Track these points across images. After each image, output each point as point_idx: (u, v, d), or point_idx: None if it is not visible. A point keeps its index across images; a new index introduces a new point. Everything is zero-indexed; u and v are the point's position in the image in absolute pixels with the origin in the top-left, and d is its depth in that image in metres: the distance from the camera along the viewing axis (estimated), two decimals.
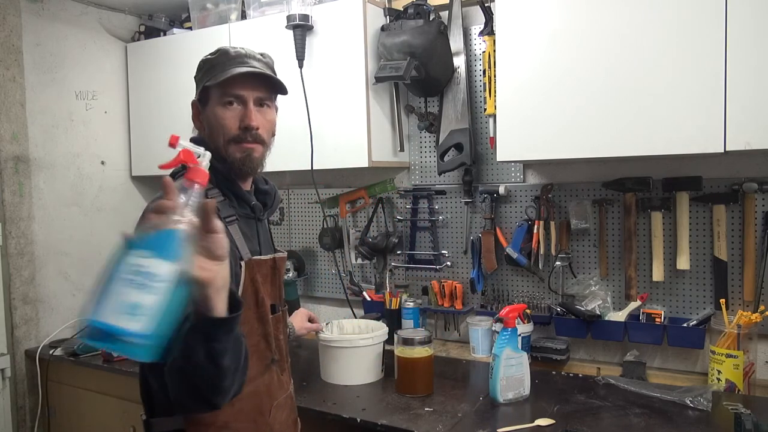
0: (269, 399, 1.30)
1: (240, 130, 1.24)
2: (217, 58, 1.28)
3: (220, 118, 1.25)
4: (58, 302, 2.64)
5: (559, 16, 1.77)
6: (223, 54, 1.28)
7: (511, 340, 1.76)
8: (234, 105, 1.25)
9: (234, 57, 1.27)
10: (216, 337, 0.94)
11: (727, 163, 1.89)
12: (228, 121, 1.24)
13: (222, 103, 1.25)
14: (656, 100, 1.65)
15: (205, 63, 1.30)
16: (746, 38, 1.53)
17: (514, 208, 2.25)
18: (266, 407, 1.29)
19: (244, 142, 1.25)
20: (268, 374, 1.31)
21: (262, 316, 1.29)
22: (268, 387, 1.30)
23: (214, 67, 1.26)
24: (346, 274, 2.61)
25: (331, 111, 2.24)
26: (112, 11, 2.86)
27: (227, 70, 1.23)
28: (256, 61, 1.29)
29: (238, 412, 1.24)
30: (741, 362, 1.78)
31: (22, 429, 2.53)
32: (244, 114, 1.25)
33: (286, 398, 1.37)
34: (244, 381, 1.06)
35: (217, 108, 1.25)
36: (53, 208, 2.63)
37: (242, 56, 1.27)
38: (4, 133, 2.43)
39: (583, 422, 1.60)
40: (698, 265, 1.95)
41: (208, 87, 1.26)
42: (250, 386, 1.24)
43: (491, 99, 2.11)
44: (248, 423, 1.25)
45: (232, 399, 1.05)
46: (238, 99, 1.25)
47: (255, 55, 1.31)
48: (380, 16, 2.24)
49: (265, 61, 1.33)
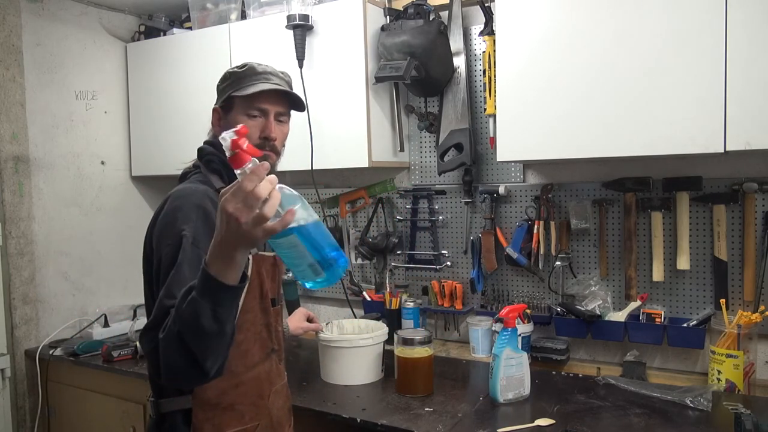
0: (269, 384, 1.40)
1: (260, 139, 1.37)
2: (244, 72, 1.40)
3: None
4: (58, 302, 2.64)
5: (558, 16, 1.77)
6: (250, 69, 1.40)
7: (511, 340, 1.76)
8: (257, 116, 1.38)
9: (260, 73, 1.40)
10: (222, 302, 0.99)
11: (727, 163, 1.89)
12: (250, 130, 1.33)
13: (246, 114, 1.37)
14: (656, 100, 1.65)
15: (232, 75, 1.41)
16: (746, 38, 1.53)
17: (514, 208, 2.25)
18: (266, 392, 1.39)
19: (262, 150, 1.35)
20: (268, 362, 1.40)
21: (265, 307, 1.38)
22: (268, 373, 1.40)
23: (241, 80, 1.39)
24: (346, 274, 2.61)
25: (331, 111, 2.24)
26: (112, 11, 2.86)
27: (255, 84, 1.37)
28: (279, 78, 1.42)
29: (242, 394, 1.33)
30: (741, 362, 1.78)
31: (22, 429, 2.53)
32: (265, 126, 1.38)
33: (282, 386, 1.47)
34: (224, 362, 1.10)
35: (241, 117, 1.37)
36: (53, 208, 2.63)
37: (267, 73, 1.41)
38: (4, 133, 2.43)
39: (583, 422, 1.60)
40: (698, 265, 1.95)
41: (233, 97, 1.38)
42: (253, 371, 1.36)
43: (491, 99, 2.11)
44: (250, 405, 1.35)
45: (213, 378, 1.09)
46: (262, 112, 1.38)
47: (278, 73, 1.43)
48: (380, 16, 2.24)
49: (286, 79, 1.45)
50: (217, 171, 1.38)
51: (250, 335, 1.35)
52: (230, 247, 0.96)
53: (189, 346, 1.01)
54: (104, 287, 2.81)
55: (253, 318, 1.35)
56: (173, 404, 1.29)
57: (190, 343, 1.01)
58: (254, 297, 1.35)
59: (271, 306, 1.41)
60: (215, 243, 0.97)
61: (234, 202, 0.92)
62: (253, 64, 1.41)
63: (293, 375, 2.06)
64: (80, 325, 2.63)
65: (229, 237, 0.94)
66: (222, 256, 0.97)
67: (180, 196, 1.29)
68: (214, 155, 1.38)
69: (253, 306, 1.35)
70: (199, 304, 0.99)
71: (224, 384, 1.29)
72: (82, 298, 2.73)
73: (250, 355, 1.35)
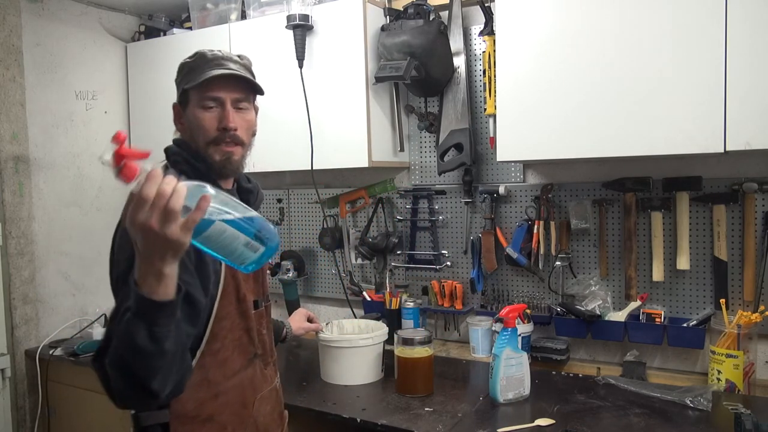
0: (252, 392, 1.33)
1: (218, 131, 1.27)
2: (195, 61, 1.30)
3: (199, 120, 1.28)
4: (58, 302, 2.64)
5: (558, 16, 1.77)
6: (200, 57, 1.30)
7: (511, 340, 1.76)
8: (212, 107, 1.27)
9: (211, 59, 1.29)
10: (157, 321, 0.93)
11: (727, 163, 1.89)
12: (206, 122, 1.27)
13: (201, 106, 1.27)
14: (656, 100, 1.65)
15: (184, 66, 1.33)
16: (746, 38, 1.53)
17: (514, 208, 2.25)
18: (249, 400, 1.32)
19: (222, 143, 1.27)
20: (251, 368, 1.34)
21: (243, 311, 1.31)
22: (251, 380, 1.33)
23: (192, 70, 1.29)
24: (346, 274, 2.61)
25: (331, 111, 2.24)
26: (112, 11, 2.86)
27: (205, 73, 1.26)
28: (234, 63, 1.31)
29: (222, 405, 1.27)
30: (741, 362, 1.78)
31: (22, 429, 2.53)
32: (222, 115, 1.27)
33: (270, 391, 1.40)
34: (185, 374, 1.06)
35: (196, 110, 1.28)
36: (53, 208, 2.64)
37: (219, 59, 1.30)
38: (4, 133, 2.43)
39: (583, 422, 1.60)
40: (698, 265, 1.95)
41: (187, 90, 1.29)
42: (234, 379, 1.29)
43: (491, 99, 2.11)
44: (232, 416, 1.28)
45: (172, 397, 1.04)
46: (216, 101, 1.27)
47: (232, 57, 1.33)
48: (380, 16, 2.24)
49: (242, 62, 1.34)
50: (184, 171, 1.28)
51: (228, 342, 1.27)
52: (156, 261, 0.88)
53: (131, 368, 0.95)
54: (104, 287, 2.77)
55: (230, 325, 1.28)
56: (152, 418, 1.22)
57: (132, 365, 0.95)
58: (230, 302, 1.27)
59: (252, 308, 1.33)
60: (139, 261, 0.90)
61: (140, 213, 0.84)
62: (204, 51, 1.31)
63: (293, 375, 2.07)
64: (80, 325, 2.63)
65: (150, 250, 0.87)
66: (150, 273, 0.89)
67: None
68: (179, 155, 1.31)
69: (230, 312, 1.27)
70: (134, 324, 0.92)
71: (202, 395, 1.24)
72: (82, 298, 2.73)
73: (230, 363, 1.28)
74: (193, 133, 1.30)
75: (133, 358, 0.95)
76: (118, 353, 0.96)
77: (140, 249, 0.89)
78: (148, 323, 0.92)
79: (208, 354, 1.24)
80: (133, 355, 0.94)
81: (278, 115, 2.32)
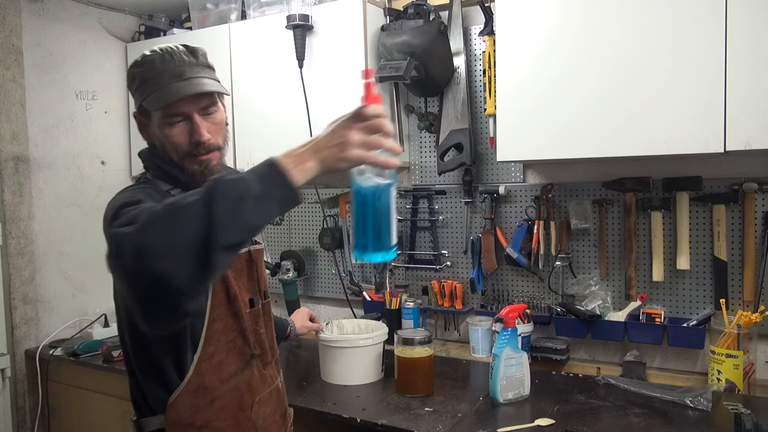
0: (250, 395, 1.28)
1: (191, 145, 1.20)
2: (145, 72, 1.19)
3: (168, 137, 1.20)
4: (58, 302, 2.64)
5: (558, 16, 1.77)
6: (150, 67, 1.18)
7: (511, 340, 1.76)
8: (179, 122, 1.19)
9: (165, 70, 1.17)
10: (272, 195, 0.92)
11: (727, 163, 1.89)
12: (177, 138, 1.20)
13: (166, 123, 1.19)
14: (656, 100, 1.65)
15: (135, 77, 1.21)
16: (746, 38, 1.53)
17: (514, 208, 2.25)
18: (247, 403, 1.27)
19: (198, 156, 1.21)
20: (248, 370, 1.28)
21: (236, 311, 1.25)
22: (249, 383, 1.28)
23: (146, 82, 1.18)
24: (346, 274, 2.61)
25: (331, 111, 2.22)
26: (112, 11, 2.86)
27: (165, 88, 1.16)
28: (192, 67, 1.20)
29: (218, 410, 1.22)
30: (741, 362, 1.78)
31: (22, 429, 2.53)
32: (192, 129, 1.19)
33: (270, 392, 1.35)
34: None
35: (163, 128, 1.20)
36: (53, 208, 2.64)
37: (174, 66, 1.18)
38: (4, 133, 2.43)
39: (583, 422, 1.60)
40: (698, 265, 1.95)
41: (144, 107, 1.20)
42: (230, 383, 1.24)
43: (491, 99, 2.11)
44: (229, 420, 1.24)
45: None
46: (182, 115, 1.19)
47: (184, 57, 1.20)
48: (380, 16, 2.24)
49: (199, 63, 1.23)
50: (160, 176, 1.25)
51: (222, 345, 1.22)
52: (313, 153, 0.95)
53: (207, 219, 0.86)
54: (104, 287, 2.75)
55: (222, 327, 1.23)
56: (151, 423, 1.21)
57: (214, 219, 0.86)
58: (220, 302, 1.23)
59: (246, 308, 1.28)
60: (299, 147, 0.95)
61: (353, 120, 0.95)
62: (152, 58, 1.18)
63: (293, 375, 2.07)
64: (80, 325, 2.63)
65: (322, 144, 0.95)
66: (297, 156, 0.94)
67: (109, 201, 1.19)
68: (150, 161, 1.26)
69: (221, 313, 1.23)
70: (249, 184, 0.89)
71: (198, 401, 1.20)
72: (82, 298, 2.73)
73: (225, 366, 1.23)
74: (165, 147, 1.23)
75: (224, 217, 0.87)
76: (193, 201, 0.89)
77: (316, 138, 0.97)
78: (264, 189, 0.90)
79: (203, 359, 1.21)
80: (228, 215, 0.87)
81: (278, 115, 2.32)
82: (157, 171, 1.25)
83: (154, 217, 0.89)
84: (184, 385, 1.20)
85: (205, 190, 0.90)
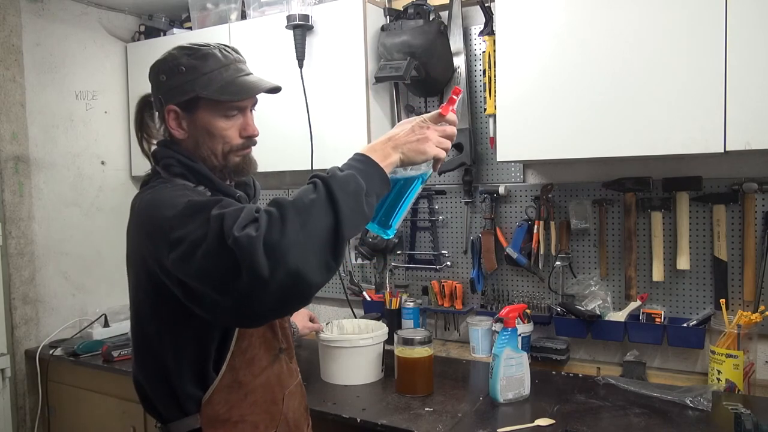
0: (281, 388, 1.31)
1: (243, 139, 1.25)
2: (207, 63, 1.20)
3: (221, 129, 1.22)
4: (58, 302, 2.64)
5: (558, 16, 1.77)
6: (213, 58, 1.21)
7: (511, 340, 1.76)
8: (235, 116, 1.24)
9: (228, 64, 1.22)
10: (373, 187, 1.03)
11: (727, 163, 1.89)
12: (230, 131, 1.23)
13: (223, 115, 1.22)
14: (656, 100, 1.65)
15: (189, 68, 1.20)
16: (746, 38, 1.53)
17: (514, 208, 2.25)
18: (278, 396, 1.30)
19: (245, 148, 1.26)
20: (277, 364, 1.31)
21: None
22: (279, 376, 1.31)
23: (208, 74, 1.19)
24: (346, 274, 2.61)
25: (331, 111, 2.24)
26: (112, 11, 2.86)
27: (237, 81, 1.21)
28: (243, 63, 1.27)
29: (252, 404, 1.25)
30: (741, 362, 1.78)
31: (22, 429, 2.53)
32: (244, 124, 1.25)
33: (296, 386, 1.38)
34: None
35: (218, 120, 1.22)
36: (53, 208, 2.63)
37: (235, 60, 1.24)
38: (4, 133, 2.43)
39: (583, 422, 1.60)
40: (698, 265, 1.95)
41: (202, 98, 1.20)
42: (262, 377, 1.27)
43: (491, 99, 2.12)
44: (263, 414, 1.26)
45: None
46: (239, 110, 1.24)
47: (238, 54, 1.26)
48: (380, 16, 2.24)
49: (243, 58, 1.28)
50: (179, 173, 1.22)
51: (255, 339, 1.25)
52: (394, 147, 1.07)
53: (337, 206, 0.95)
54: (104, 287, 2.81)
55: None
56: (183, 426, 1.20)
57: (340, 205, 0.96)
58: None
59: None
60: (379, 143, 1.07)
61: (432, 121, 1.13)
62: (211, 51, 1.21)
63: None
64: (80, 325, 2.63)
65: (402, 140, 1.08)
66: (382, 151, 1.06)
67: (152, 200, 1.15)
68: (172, 158, 1.22)
69: None
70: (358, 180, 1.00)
71: (232, 397, 1.22)
72: (82, 298, 2.73)
73: (257, 360, 1.25)
74: (206, 139, 1.23)
75: (348, 202, 0.97)
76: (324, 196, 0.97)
77: (396, 132, 1.10)
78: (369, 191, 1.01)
79: (237, 354, 1.22)
80: (352, 199, 0.98)
81: (278, 115, 2.32)
82: (179, 168, 1.22)
83: (285, 216, 0.93)
84: (218, 380, 1.21)
85: (322, 187, 0.97)
